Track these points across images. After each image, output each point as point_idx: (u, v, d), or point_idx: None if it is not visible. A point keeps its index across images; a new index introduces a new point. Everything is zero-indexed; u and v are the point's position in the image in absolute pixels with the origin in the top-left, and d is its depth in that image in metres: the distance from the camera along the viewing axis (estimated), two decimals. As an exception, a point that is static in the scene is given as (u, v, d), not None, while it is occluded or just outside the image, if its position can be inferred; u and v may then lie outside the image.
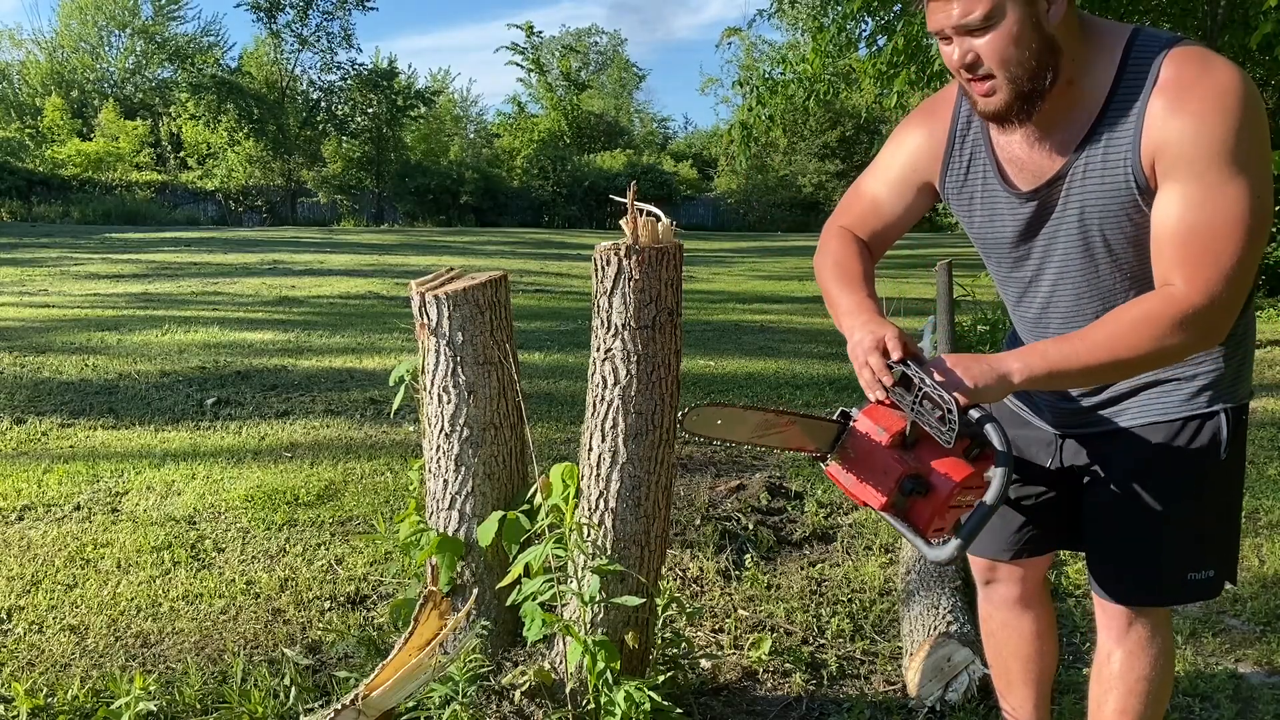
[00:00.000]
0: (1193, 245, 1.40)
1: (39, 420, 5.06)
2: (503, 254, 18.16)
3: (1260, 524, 3.69)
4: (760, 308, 11.08)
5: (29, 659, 2.59)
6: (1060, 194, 1.52)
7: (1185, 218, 1.40)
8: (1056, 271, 1.59)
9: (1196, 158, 1.37)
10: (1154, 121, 1.40)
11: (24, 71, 41.09)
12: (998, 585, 1.89)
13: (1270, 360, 7.29)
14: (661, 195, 32.44)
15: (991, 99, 1.45)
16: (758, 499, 3.86)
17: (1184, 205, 1.39)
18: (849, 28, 8.36)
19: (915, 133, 1.69)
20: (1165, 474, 1.63)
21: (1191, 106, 1.37)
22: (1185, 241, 1.41)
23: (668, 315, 2.00)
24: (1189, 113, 1.37)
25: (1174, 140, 1.39)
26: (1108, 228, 1.50)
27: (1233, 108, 1.36)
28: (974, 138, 1.61)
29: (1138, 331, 1.42)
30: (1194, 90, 1.38)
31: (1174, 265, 1.42)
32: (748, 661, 2.61)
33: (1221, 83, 1.37)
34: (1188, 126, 1.37)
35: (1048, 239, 1.57)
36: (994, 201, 1.61)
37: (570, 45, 46.12)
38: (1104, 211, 1.49)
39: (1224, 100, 1.36)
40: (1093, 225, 1.51)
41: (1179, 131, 1.38)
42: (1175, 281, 1.41)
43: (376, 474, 4.25)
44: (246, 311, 9.40)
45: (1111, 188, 1.47)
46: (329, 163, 35.65)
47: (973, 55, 1.42)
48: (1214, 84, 1.37)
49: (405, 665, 1.94)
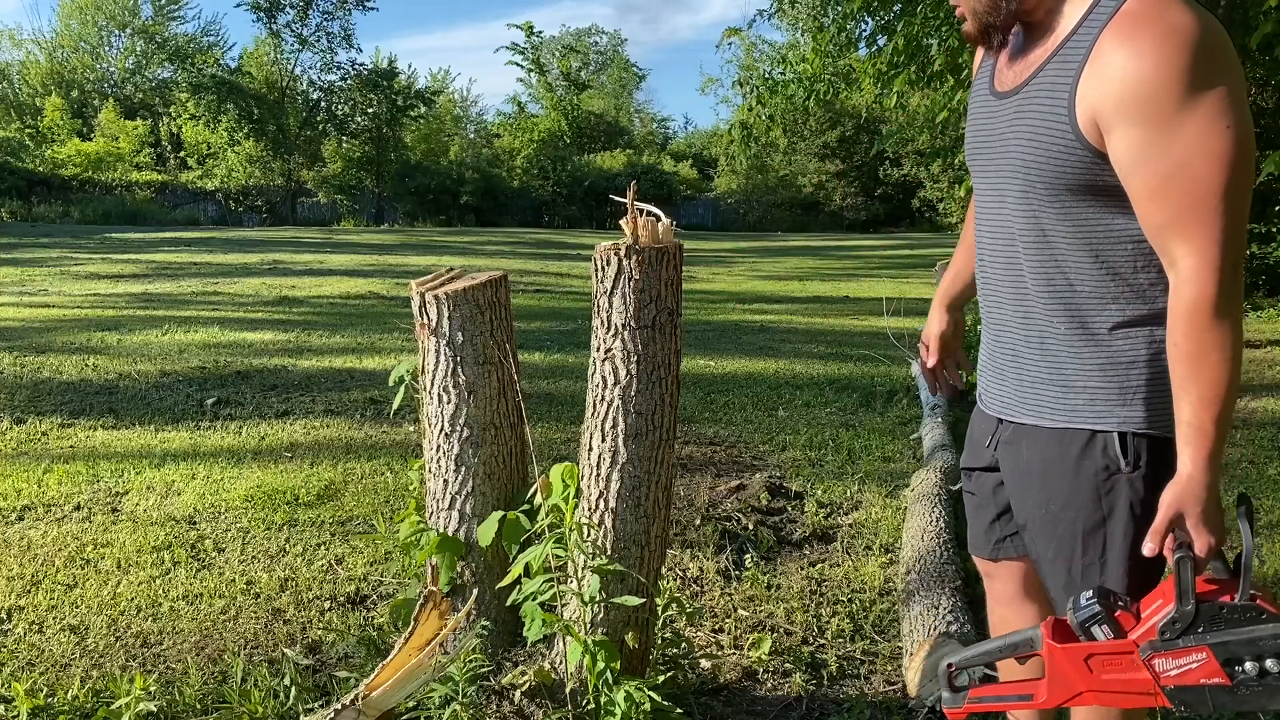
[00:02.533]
0: (1173, 200, 1.33)
1: (39, 420, 5.06)
2: (503, 254, 18.17)
3: (1260, 524, 3.69)
4: (760, 308, 11.08)
5: (29, 659, 2.59)
6: (1014, 106, 1.50)
7: (1152, 165, 1.33)
8: (1000, 203, 1.56)
9: (1146, 97, 1.30)
10: (1100, 52, 1.35)
11: (24, 71, 41.08)
12: (994, 581, 1.88)
13: (1270, 360, 7.29)
14: (661, 195, 32.44)
15: (965, 25, 1.54)
16: (758, 499, 3.86)
17: (1146, 150, 1.33)
18: (849, 28, 8.35)
19: (976, 61, 1.74)
20: (1056, 489, 1.54)
21: (1138, 43, 1.31)
22: (1163, 196, 1.34)
23: (668, 315, 2.00)
24: (1133, 49, 1.31)
25: (1117, 76, 1.33)
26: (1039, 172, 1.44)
27: (1181, 42, 1.29)
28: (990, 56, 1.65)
29: (1201, 344, 1.34)
30: (1145, 25, 1.32)
31: (1168, 233, 1.35)
32: (748, 661, 2.61)
33: (1175, 20, 1.30)
34: (1131, 62, 1.31)
35: (999, 157, 1.54)
36: (979, 101, 1.63)
37: (570, 45, 46.13)
38: (1039, 143, 1.44)
39: (1175, 37, 1.29)
40: (1028, 159, 1.46)
41: (1121, 67, 1.32)
42: (1177, 258, 1.35)
43: (376, 474, 4.25)
44: (246, 311, 9.40)
45: (1050, 113, 1.42)
46: (329, 163, 35.65)
47: None
48: (1167, 21, 1.31)
49: (405, 665, 1.95)
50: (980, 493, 1.78)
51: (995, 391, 1.66)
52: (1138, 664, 1.37)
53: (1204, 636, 1.33)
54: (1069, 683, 1.41)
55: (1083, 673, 1.39)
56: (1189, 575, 1.33)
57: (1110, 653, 1.38)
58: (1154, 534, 1.39)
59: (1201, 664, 1.33)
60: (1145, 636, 1.36)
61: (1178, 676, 1.35)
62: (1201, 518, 1.37)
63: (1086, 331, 1.49)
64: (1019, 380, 1.59)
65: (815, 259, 19.97)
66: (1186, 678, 1.35)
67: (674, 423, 2.09)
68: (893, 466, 4.48)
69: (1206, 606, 1.33)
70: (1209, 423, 1.35)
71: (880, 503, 3.92)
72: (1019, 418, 1.60)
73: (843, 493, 4.06)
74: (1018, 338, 1.59)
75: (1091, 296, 1.48)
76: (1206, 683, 1.34)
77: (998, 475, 1.71)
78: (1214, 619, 1.33)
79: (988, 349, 1.69)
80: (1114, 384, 1.48)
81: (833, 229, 34.46)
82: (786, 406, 5.76)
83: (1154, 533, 1.39)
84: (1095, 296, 1.48)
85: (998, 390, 1.65)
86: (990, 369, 1.68)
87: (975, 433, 1.78)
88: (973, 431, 1.79)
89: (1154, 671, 1.35)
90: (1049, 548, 1.57)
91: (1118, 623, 1.39)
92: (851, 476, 4.29)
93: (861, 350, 7.74)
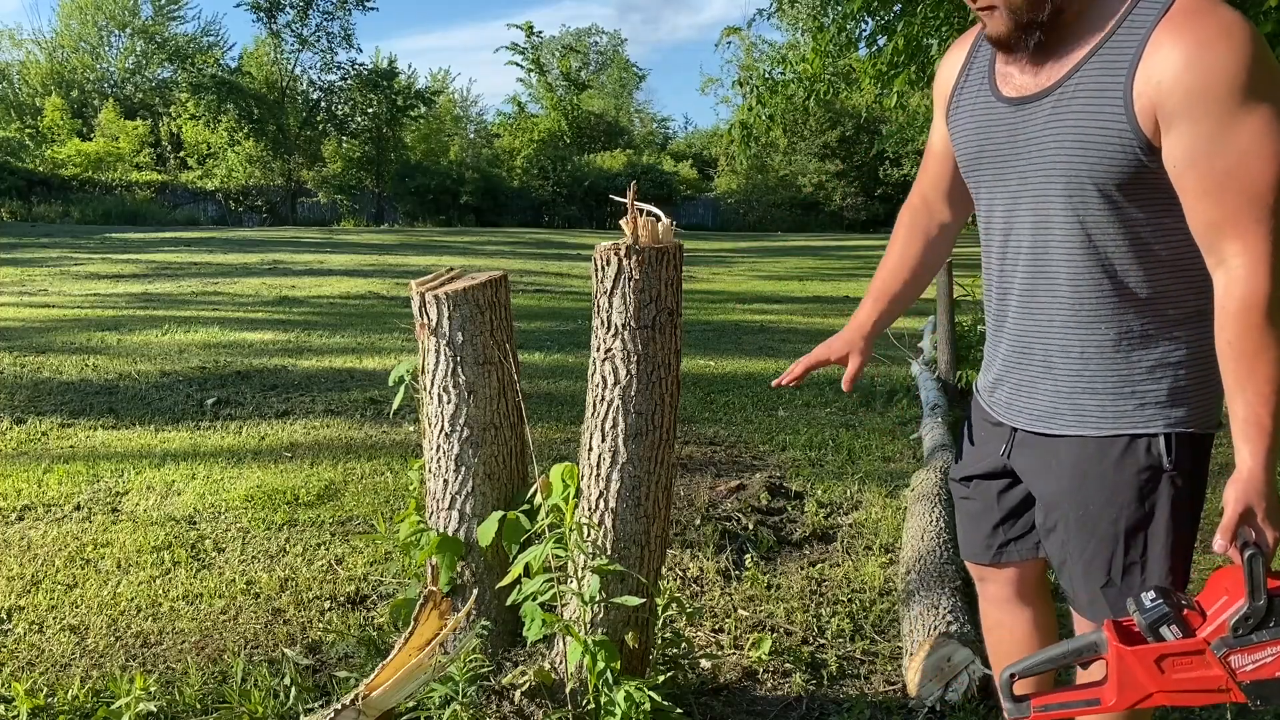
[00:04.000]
0: (1229, 197, 1.32)
1: (39, 420, 5.06)
2: (503, 254, 18.17)
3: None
4: (760, 308, 11.08)
5: (29, 659, 2.59)
6: (1047, 109, 1.45)
7: (1210, 160, 1.32)
8: (1028, 211, 1.52)
9: (1206, 91, 1.30)
10: (1156, 48, 1.33)
11: (24, 71, 41.06)
12: (988, 584, 1.87)
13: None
14: (661, 195, 32.43)
15: (992, 25, 1.46)
16: (758, 499, 3.86)
17: (1203, 146, 1.32)
18: (849, 28, 8.34)
19: (944, 70, 1.68)
20: (1095, 491, 1.53)
21: (1201, 35, 1.31)
22: (1219, 193, 1.32)
23: (668, 315, 2.00)
24: (1195, 43, 1.31)
25: (1179, 72, 1.31)
26: (1090, 173, 1.41)
27: (1240, 39, 1.29)
28: (983, 56, 1.60)
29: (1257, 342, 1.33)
30: (1203, 22, 1.31)
31: (1219, 231, 1.34)
32: (748, 661, 2.61)
33: (1230, 18, 1.31)
34: (1196, 55, 1.30)
35: (1028, 165, 1.50)
36: (982, 112, 1.57)
37: (570, 45, 46.12)
38: (1088, 142, 1.40)
39: (1230, 31, 1.30)
40: (1075, 160, 1.42)
41: (1186, 62, 1.31)
42: (1228, 256, 1.34)
43: (376, 474, 4.25)
44: (246, 311, 9.40)
45: (1100, 111, 1.39)
46: (329, 163, 35.66)
47: None
48: (1223, 19, 1.31)
49: (405, 665, 1.94)
50: (983, 499, 1.76)
51: (1021, 404, 1.62)
52: (1209, 662, 1.36)
53: (1278, 630, 1.33)
54: (1139, 685, 1.40)
55: (1153, 674, 1.38)
56: (1261, 571, 1.33)
57: (1181, 652, 1.37)
58: (1224, 530, 1.37)
59: (1277, 657, 1.34)
60: (1216, 634, 1.36)
61: (1254, 671, 1.35)
62: (1268, 512, 1.36)
63: (1136, 335, 1.48)
64: (1054, 392, 1.56)
65: (815, 259, 19.96)
66: (1263, 671, 1.35)
67: (674, 423, 2.09)
68: (893, 466, 4.48)
69: (1278, 600, 1.33)
70: (1267, 418, 1.35)
71: (880, 503, 3.92)
72: (1054, 430, 1.57)
73: (843, 493, 4.06)
74: (1051, 349, 1.55)
75: (1140, 299, 1.46)
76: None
77: (1003, 481, 1.70)
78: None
79: (1005, 362, 1.64)
80: (1164, 385, 1.47)
81: (833, 229, 34.46)
82: (786, 406, 5.76)
83: (1224, 529, 1.37)
84: (1143, 298, 1.46)
85: (1024, 403, 1.62)
86: (1009, 381, 1.64)
87: (978, 440, 1.75)
88: (974, 439, 1.77)
89: (1229, 668, 1.35)
90: (1086, 549, 1.55)
91: (1186, 621, 1.38)
92: (851, 476, 4.29)
93: (861, 350, 7.72)
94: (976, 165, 1.60)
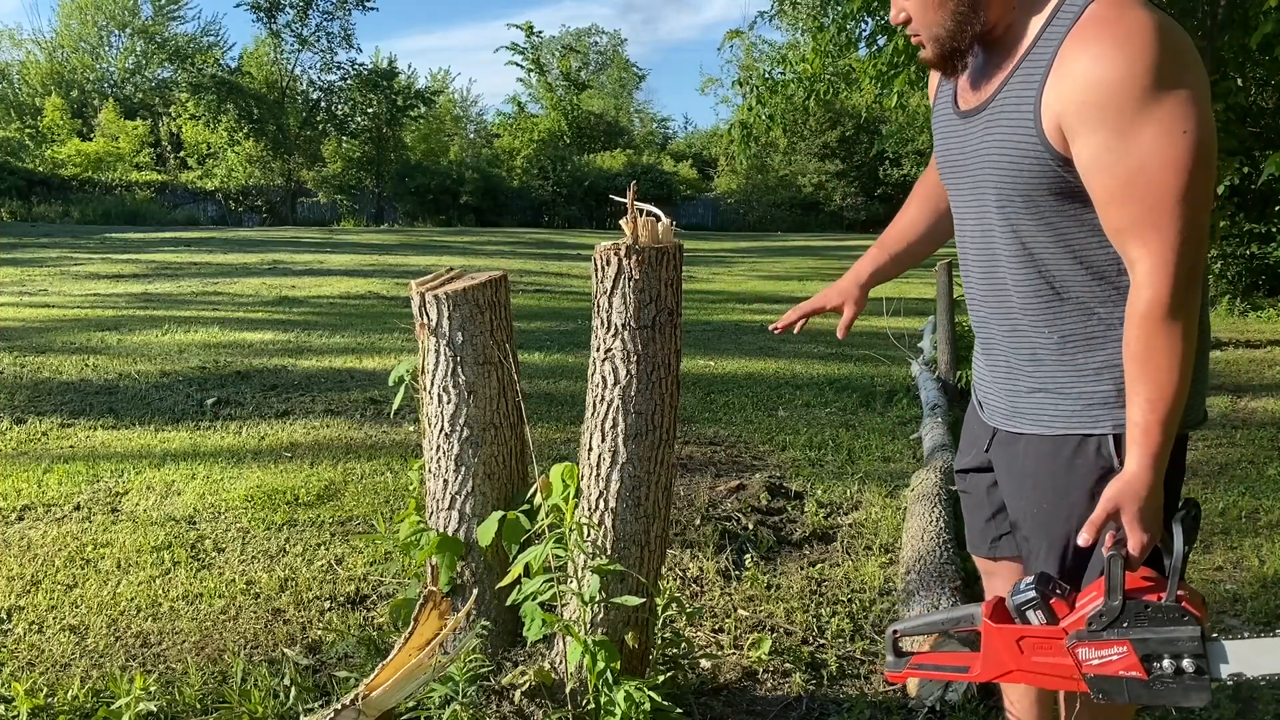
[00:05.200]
0: (1131, 204, 1.34)
1: (39, 420, 5.06)
2: (503, 254, 18.17)
3: (1260, 524, 3.69)
4: (760, 308, 11.08)
5: (29, 659, 2.59)
6: (983, 123, 1.50)
7: (1110, 169, 1.34)
8: (976, 220, 1.57)
9: (1105, 101, 1.31)
10: (1063, 60, 1.36)
11: (24, 71, 41.08)
12: (994, 579, 1.89)
13: (1270, 360, 7.29)
14: (661, 195, 32.46)
15: (923, 53, 1.53)
16: (758, 499, 3.86)
17: (1105, 155, 1.34)
18: (849, 28, 8.35)
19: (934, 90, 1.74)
20: (1049, 489, 1.55)
21: (1096, 47, 1.32)
22: (1122, 200, 1.34)
23: (668, 315, 2.00)
24: (1094, 53, 1.32)
25: (1079, 82, 1.33)
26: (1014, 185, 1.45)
27: (1140, 44, 1.29)
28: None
29: (1152, 346, 1.35)
30: (1105, 29, 1.32)
31: (1124, 237, 1.37)
32: (748, 661, 2.61)
33: (1134, 23, 1.31)
34: (1092, 66, 1.32)
35: (973, 176, 1.54)
36: (945, 120, 1.63)
37: (570, 45, 46.15)
38: (1011, 156, 1.44)
39: (1134, 39, 1.30)
40: (1001, 173, 1.46)
41: (1083, 72, 1.32)
42: (1134, 260, 1.37)
43: (376, 474, 4.25)
44: (246, 311, 9.40)
45: (1017, 126, 1.42)
46: (329, 163, 35.67)
47: (904, 14, 1.51)
48: (1126, 24, 1.31)
49: (405, 665, 1.95)
50: (975, 493, 1.80)
51: (992, 402, 1.67)
52: (1064, 650, 1.42)
53: (1127, 631, 1.38)
54: (1000, 660, 1.47)
55: (1014, 653, 1.46)
56: (1119, 572, 1.38)
57: (1040, 637, 1.44)
58: (1090, 525, 1.41)
59: (1121, 657, 1.39)
60: (1075, 625, 1.42)
61: (1099, 666, 1.41)
62: (1138, 515, 1.39)
63: (1078, 338, 1.50)
64: (1013, 392, 1.60)
65: (815, 259, 19.97)
66: (1106, 668, 1.40)
67: (674, 423, 2.09)
68: (893, 466, 4.48)
69: (1133, 603, 1.38)
70: (1155, 424, 1.38)
71: (880, 503, 3.92)
72: (1014, 428, 1.61)
73: (843, 493, 4.06)
74: (1008, 352, 1.60)
75: (1080, 303, 1.49)
76: (1124, 675, 1.40)
77: (991, 476, 1.73)
78: (1139, 616, 1.38)
79: (980, 362, 1.71)
80: (1109, 386, 1.48)
81: (833, 229, 34.46)
82: (786, 406, 5.76)
83: (1090, 524, 1.41)
84: (1083, 302, 1.49)
85: (995, 402, 1.66)
86: (987, 380, 1.69)
87: (970, 435, 1.79)
88: (968, 433, 1.81)
89: (1076, 659, 1.41)
90: (1041, 546, 1.59)
91: (1052, 609, 1.44)
92: (851, 476, 4.29)
93: (861, 350, 7.74)
94: (944, 173, 1.67)
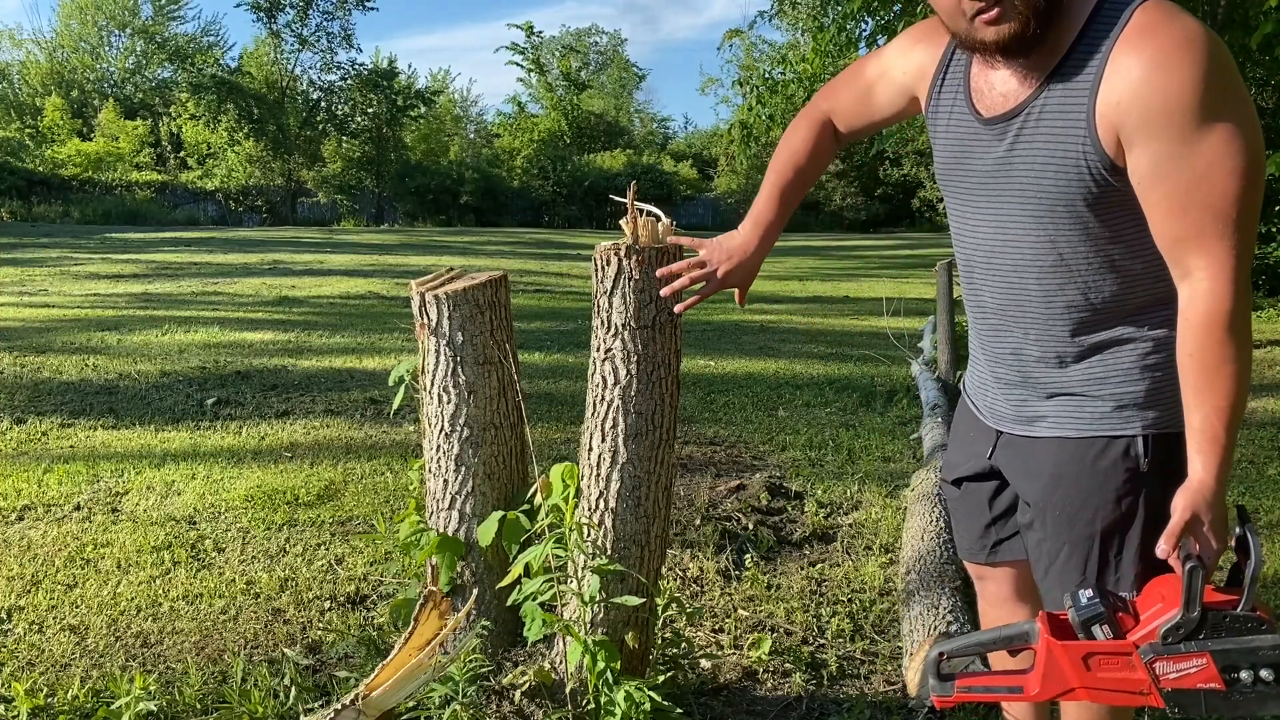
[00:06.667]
0: (1193, 213, 1.32)
1: (39, 420, 5.06)
2: (503, 254, 18.16)
3: (1260, 524, 3.69)
4: (760, 308, 11.07)
5: (29, 659, 2.59)
6: (1015, 130, 1.46)
7: (1173, 177, 1.32)
8: (1000, 228, 1.53)
9: (1170, 109, 1.30)
10: (1116, 69, 1.34)
11: (24, 71, 41.08)
12: (987, 583, 1.88)
13: (1270, 360, 7.29)
14: (661, 195, 32.45)
15: (1000, 27, 1.38)
16: (758, 499, 3.86)
17: (1167, 163, 1.32)
18: (849, 28, 8.37)
19: (921, 48, 1.66)
20: (1073, 491, 1.54)
21: (1157, 55, 1.30)
22: (1183, 209, 1.33)
23: (668, 315, 2.00)
24: (1153, 61, 1.31)
25: (1137, 91, 1.32)
26: (1059, 194, 1.42)
27: (1199, 53, 1.29)
28: (958, 63, 1.59)
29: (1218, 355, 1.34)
30: (1160, 37, 1.31)
31: (1183, 246, 1.35)
32: (748, 661, 2.61)
33: (1189, 32, 1.30)
34: (1153, 74, 1.30)
35: (999, 185, 1.51)
36: (959, 126, 1.57)
37: (570, 45, 46.14)
38: (1057, 165, 1.41)
39: (1188, 47, 1.29)
40: (1045, 182, 1.43)
41: (1144, 80, 1.31)
42: (1193, 269, 1.35)
43: (376, 474, 4.25)
44: (246, 311, 9.40)
45: (1066, 133, 1.39)
46: (329, 163, 35.67)
47: None
48: (1182, 33, 1.30)
49: (405, 665, 1.94)
50: (974, 500, 1.77)
51: (1003, 409, 1.65)
52: (1135, 665, 1.38)
53: (1206, 643, 1.35)
54: (1063, 678, 1.42)
55: (1079, 670, 1.41)
56: (1198, 583, 1.34)
57: (1109, 652, 1.40)
58: (1169, 536, 1.39)
59: (1201, 669, 1.36)
60: (1146, 639, 1.38)
61: (1176, 680, 1.37)
62: (1213, 524, 1.38)
63: (1110, 343, 1.49)
64: (1033, 397, 1.58)
65: (815, 259, 19.97)
66: (1185, 681, 1.37)
67: (674, 423, 2.09)
68: (893, 466, 4.48)
69: (1211, 615, 1.35)
70: (1222, 431, 1.36)
71: (880, 503, 3.92)
72: (1031, 432, 1.59)
73: (843, 493, 4.06)
74: (1030, 359, 1.57)
75: (1113, 310, 1.47)
76: (1203, 687, 1.36)
77: (992, 484, 1.71)
78: (1216, 627, 1.35)
79: (990, 369, 1.67)
80: (1141, 387, 1.48)
81: (833, 229, 34.46)
82: (786, 406, 5.76)
83: (1169, 535, 1.39)
84: (1117, 310, 1.47)
85: (1005, 408, 1.64)
86: (995, 387, 1.66)
87: (965, 443, 1.77)
88: (961, 442, 1.79)
89: (1154, 674, 1.37)
90: (1062, 548, 1.57)
91: (1119, 623, 1.40)
92: (851, 476, 4.29)
93: (861, 350, 7.74)
94: (951, 179, 1.61)
